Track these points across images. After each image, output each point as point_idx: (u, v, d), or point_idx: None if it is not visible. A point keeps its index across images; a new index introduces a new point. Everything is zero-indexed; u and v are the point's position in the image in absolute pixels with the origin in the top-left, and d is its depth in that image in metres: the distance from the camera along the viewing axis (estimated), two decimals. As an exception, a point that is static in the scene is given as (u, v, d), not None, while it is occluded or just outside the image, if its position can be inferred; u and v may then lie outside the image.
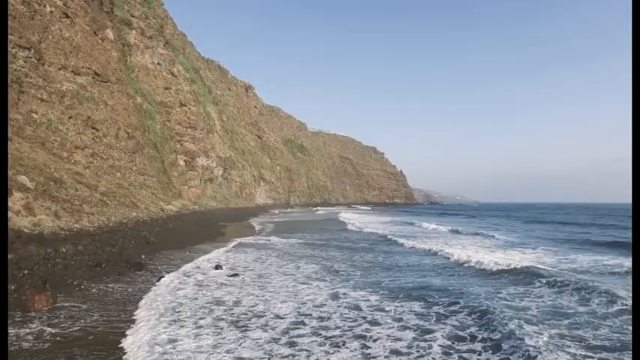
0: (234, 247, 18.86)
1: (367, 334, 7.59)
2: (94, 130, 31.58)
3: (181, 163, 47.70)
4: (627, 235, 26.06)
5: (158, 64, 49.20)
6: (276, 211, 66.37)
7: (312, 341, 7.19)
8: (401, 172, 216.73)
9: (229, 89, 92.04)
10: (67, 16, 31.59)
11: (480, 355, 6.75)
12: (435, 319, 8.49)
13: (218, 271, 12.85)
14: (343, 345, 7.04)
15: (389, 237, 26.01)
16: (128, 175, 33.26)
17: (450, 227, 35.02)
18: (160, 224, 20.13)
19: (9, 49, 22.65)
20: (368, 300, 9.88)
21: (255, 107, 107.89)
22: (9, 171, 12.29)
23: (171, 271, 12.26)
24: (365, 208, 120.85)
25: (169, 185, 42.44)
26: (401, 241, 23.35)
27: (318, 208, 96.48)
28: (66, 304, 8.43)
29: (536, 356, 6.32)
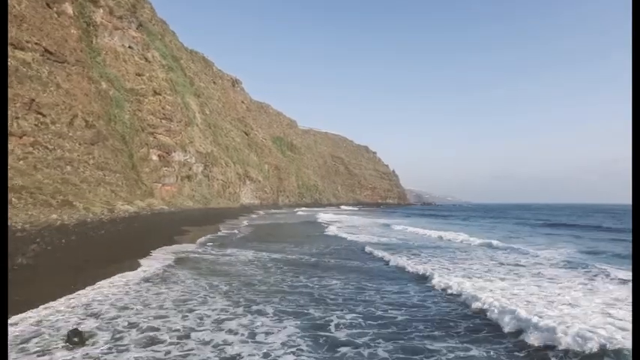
0: (166, 268, 12.14)
1: None
2: (38, 116, 26.64)
3: (154, 157, 42.73)
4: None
5: (129, 47, 44.20)
6: (261, 212, 61.53)
7: None
8: (393, 171, 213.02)
9: (214, 82, 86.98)
10: (8, -20, 26.62)
11: None
12: None
13: (61, 356, 5.42)
14: None
15: (406, 259, 15.46)
16: (82, 170, 28.36)
17: (467, 236, 25.42)
18: (86, 230, 14.96)
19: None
20: None
21: (243, 102, 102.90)
22: None
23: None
24: (353, 209, 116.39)
25: (138, 182, 37.49)
26: (427, 267, 13.52)
27: (302, 208, 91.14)
28: None
29: None
